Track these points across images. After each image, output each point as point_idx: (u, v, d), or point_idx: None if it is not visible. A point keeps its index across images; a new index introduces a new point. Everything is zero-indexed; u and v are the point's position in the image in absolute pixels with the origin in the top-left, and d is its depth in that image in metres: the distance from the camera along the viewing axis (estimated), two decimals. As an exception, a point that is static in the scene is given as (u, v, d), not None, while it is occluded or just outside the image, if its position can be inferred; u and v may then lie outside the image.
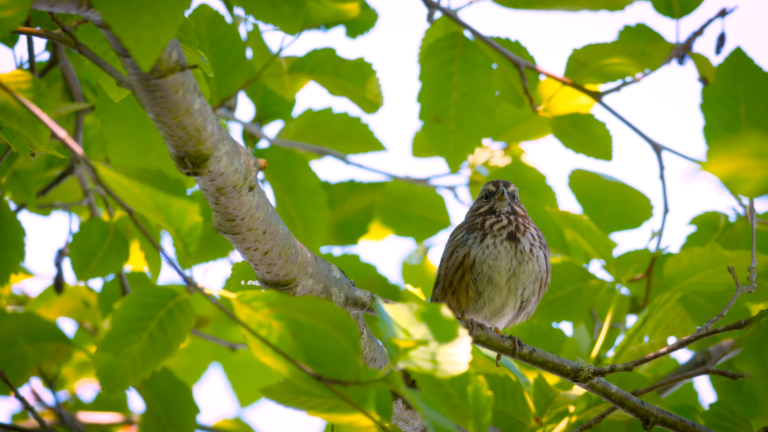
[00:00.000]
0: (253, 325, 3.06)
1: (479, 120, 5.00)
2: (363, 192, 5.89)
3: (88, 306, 5.49)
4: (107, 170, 2.94)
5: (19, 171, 4.70)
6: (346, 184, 5.87)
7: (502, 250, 4.04)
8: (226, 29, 4.95)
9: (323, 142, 5.55)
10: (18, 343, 5.07)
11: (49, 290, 5.45)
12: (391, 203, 5.91)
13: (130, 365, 3.08)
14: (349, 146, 5.59)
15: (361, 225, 5.92)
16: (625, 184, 5.38)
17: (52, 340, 5.14)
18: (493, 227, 4.09)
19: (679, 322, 4.81)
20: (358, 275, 5.85)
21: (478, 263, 4.03)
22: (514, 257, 4.03)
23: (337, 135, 5.55)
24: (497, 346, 3.92)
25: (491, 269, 4.03)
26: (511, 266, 4.03)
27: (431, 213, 5.93)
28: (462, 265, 4.04)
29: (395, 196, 5.90)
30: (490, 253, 4.04)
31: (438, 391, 3.19)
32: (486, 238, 4.06)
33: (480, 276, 4.03)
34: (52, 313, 5.52)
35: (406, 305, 3.09)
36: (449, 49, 4.97)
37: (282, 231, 3.48)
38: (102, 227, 4.87)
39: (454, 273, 4.06)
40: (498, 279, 4.03)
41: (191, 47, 3.45)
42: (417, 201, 5.92)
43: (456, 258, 4.06)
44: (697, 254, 4.55)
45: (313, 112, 5.52)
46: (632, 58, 4.85)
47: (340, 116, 5.53)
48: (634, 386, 4.27)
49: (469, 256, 4.04)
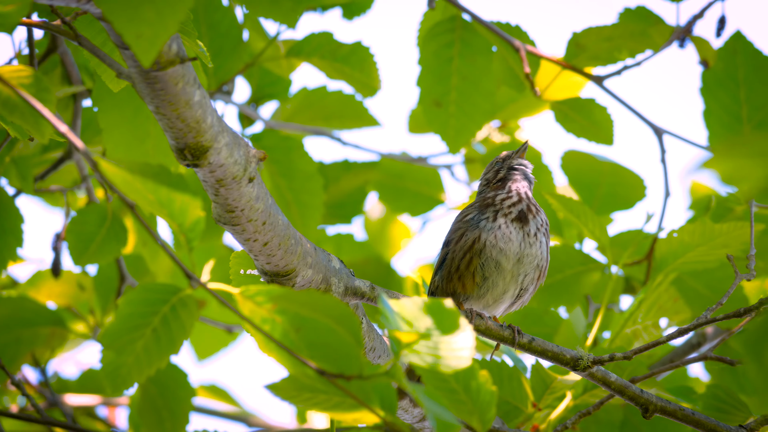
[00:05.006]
0: (257, 321, 3.05)
1: (480, 104, 4.97)
2: (357, 171, 5.89)
3: (84, 289, 5.47)
4: (109, 165, 2.92)
5: (17, 157, 4.67)
6: (341, 164, 5.87)
7: (513, 231, 4.01)
8: (223, 12, 4.91)
9: (318, 120, 5.53)
10: (12, 327, 5.04)
11: (40, 273, 5.42)
12: (387, 179, 5.91)
13: (135, 362, 3.07)
14: (343, 123, 5.58)
15: (355, 204, 5.92)
16: (618, 164, 5.36)
17: (47, 324, 5.11)
18: (504, 203, 4.07)
19: (671, 304, 4.80)
20: (353, 254, 5.85)
21: (488, 247, 3.99)
22: (523, 240, 4.01)
23: (332, 113, 5.53)
24: (497, 336, 3.91)
25: (501, 253, 4.00)
26: (519, 250, 4.01)
27: (427, 188, 5.92)
28: (471, 249, 4.01)
29: (391, 171, 5.89)
30: (502, 235, 4.01)
31: (442, 386, 3.19)
32: (498, 217, 4.03)
33: (488, 261, 4.00)
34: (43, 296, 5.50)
35: (409, 298, 3.09)
36: (449, 33, 4.94)
37: (281, 221, 3.47)
38: (100, 212, 4.84)
39: (462, 257, 4.02)
40: (505, 264, 4.00)
41: (190, 38, 3.42)
42: (413, 176, 5.92)
43: (465, 241, 4.03)
44: (688, 231, 4.54)
45: (308, 91, 5.50)
46: (633, 40, 4.82)
47: (335, 94, 5.51)
48: (630, 371, 4.28)
49: (480, 240, 4.01)
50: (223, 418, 6.16)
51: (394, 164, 5.86)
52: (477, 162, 5.77)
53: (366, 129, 5.60)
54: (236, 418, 6.18)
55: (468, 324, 3.04)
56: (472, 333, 3.04)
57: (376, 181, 5.89)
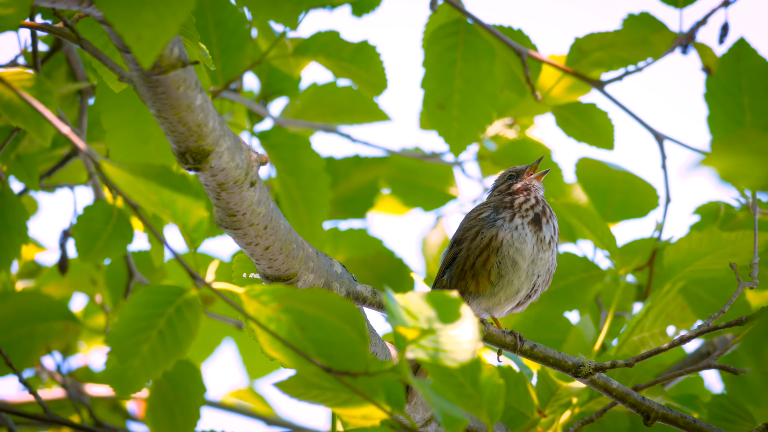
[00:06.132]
0: (262, 320, 3.05)
1: (483, 107, 4.97)
2: (368, 166, 5.89)
3: (95, 284, 5.49)
4: (112, 166, 2.92)
5: (23, 154, 4.68)
6: (352, 159, 5.86)
7: (529, 233, 4.01)
8: (231, 10, 4.91)
9: (328, 116, 5.53)
10: (26, 322, 5.06)
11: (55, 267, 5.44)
12: (399, 174, 5.91)
13: (141, 365, 3.07)
14: (353, 118, 5.58)
15: (367, 199, 5.91)
16: (631, 173, 5.36)
17: (60, 318, 5.12)
18: (522, 206, 4.06)
19: (678, 312, 4.80)
20: (365, 249, 5.85)
21: (505, 246, 3.99)
22: (536, 244, 4.01)
23: (342, 108, 5.53)
24: (498, 342, 3.91)
25: (517, 252, 3.99)
26: (533, 252, 4.00)
27: (439, 184, 5.92)
28: (488, 247, 4.00)
29: (403, 166, 5.89)
30: (518, 235, 4.00)
31: (449, 381, 3.19)
32: (515, 218, 4.03)
33: (505, 259, 3.99)
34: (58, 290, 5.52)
35: (413, 293, 3.09)
36: (452, 36, 4.94)
37: (283, 226, 3.47)
38: (106, 209, 4.84)
39: (479, 254, 4.01)
40: (521, 263, 3.99)
41: (193, 41, 3.42)
42: (425, 172, 5.92)
43: (482, 239, 4.02)
44: (696, 240, 4.52)
45: (317, 87, 5.50)
46: (635, 47, 4.83)
47: (345, 89, 5.51)
48: (636, 379, 4.27)
49: (497, 238, 4.00)
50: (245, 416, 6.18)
51: (405, 160, 5.86)
52: (488, 159, 5.77)
53: (376, 124, 5.60)
54: (260, 417, 6.19)
55: (471, 313, 3.04)
56: (476, 324, 3.03)
57: (388, 176, 5.89)
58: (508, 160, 5.68)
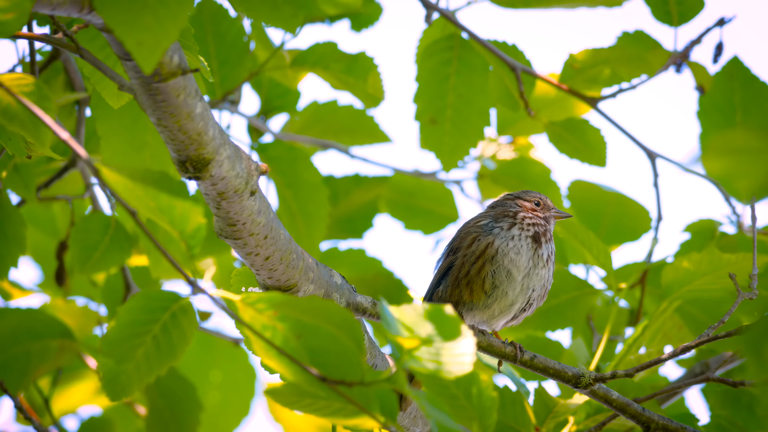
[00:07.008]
0: (258, 327, 3.04)
1: (475, 122, 4.98)
2: (368, 186, 5.87)
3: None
4: (110, 172, 2.92)
5: (20, 165, 4.66)
6: (351, 178, 5.85)
7: (525, 245, 4.00)
8: (230, 22, 4.93)
9: (328, 134, 5.53)
10: (21, 340, 4.95)
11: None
12: (399, 196, 5.89)
13: (135, 370, 3.07)
14: (354, 138, 5.58)
15: (366, 219, 5.90)
16: (624, 195, 5.36)
17: (56, 336, 5.04)
18: (524, 221, 4.05)
19: (675, 331, 4.79)
20: (364, 269, 5.84)
21: (500, 255, 3.98)
22: (532, 258, 4.00)
23: (342, 127, 5.54)
24: (499, 353, 3.89)
25: (512, 263, 3.98)
26: (528, 265, 3.99)
27: (439, 207, 5.90)
28: (484, 254, 3.99)
29: (402, 188, 5.88)
30: (514, 245, 3.99)
31: (443, 392, 3.18)
32: (513, 228, 4.02)
33: (500, 268, 3.99)
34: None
35: (410, 305, 3.08)
36: (447, 51, 4.95)
37: (283, 236, 3.47)
38: (103, 221, 4.83)
39: (474, 262, 3.99)
40: (516, 274, 3.98)
41: (192, 52, 3.43)
42: (425, 194, 5.90)
43: (478, 246, 4.01)
44: (695, 260, 4.51)
45: (318, 105, 5.50)
46: (629, 64, 4.85)
47: (345, 108, 5.51)
48: (633, 395, 4.26)
49: (493, 246, 3.99)
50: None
51: (405, 180, 5.84)
52: (487, 178, 5.76)
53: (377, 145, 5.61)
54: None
55: (468, 330, 3.03)
56: (473, 339, 3.03)
57: (388, 198, 5.87)
58: (508, 179, 5.67)
